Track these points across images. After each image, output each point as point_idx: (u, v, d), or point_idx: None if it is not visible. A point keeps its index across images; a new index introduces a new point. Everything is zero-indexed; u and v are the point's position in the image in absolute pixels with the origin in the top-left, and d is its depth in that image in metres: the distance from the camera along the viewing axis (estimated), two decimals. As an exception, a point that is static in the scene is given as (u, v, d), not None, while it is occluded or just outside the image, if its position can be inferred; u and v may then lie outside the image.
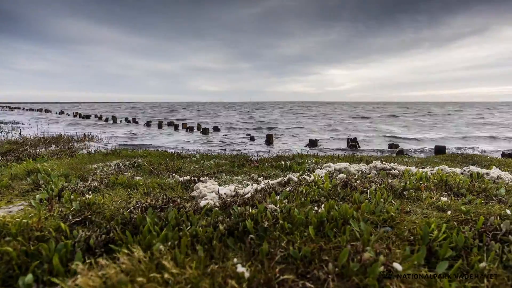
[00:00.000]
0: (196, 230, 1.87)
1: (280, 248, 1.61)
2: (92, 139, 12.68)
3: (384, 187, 3.04)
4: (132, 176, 4.38)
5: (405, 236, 1.85)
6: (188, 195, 3.37)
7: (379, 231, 1.83)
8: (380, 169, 4.36)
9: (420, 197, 2.70)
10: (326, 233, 1.82)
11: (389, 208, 2.17)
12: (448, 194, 2.89)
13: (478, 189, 3.03)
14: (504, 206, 2.50)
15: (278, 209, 2.21)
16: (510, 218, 2.22)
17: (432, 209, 2.40)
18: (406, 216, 2.22)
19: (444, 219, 2.19)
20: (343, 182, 3.26)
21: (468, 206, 2.45)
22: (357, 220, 2.04)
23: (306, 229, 1.91)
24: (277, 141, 13.35)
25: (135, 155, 6.15)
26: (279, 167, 5.39)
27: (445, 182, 3.26)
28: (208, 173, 4.61)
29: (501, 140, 17.14)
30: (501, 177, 4.03)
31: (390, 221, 2.08)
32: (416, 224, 2.04)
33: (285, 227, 1.90)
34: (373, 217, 2.14)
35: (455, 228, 1.98)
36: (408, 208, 2.42)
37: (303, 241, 1.66)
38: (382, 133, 19.51)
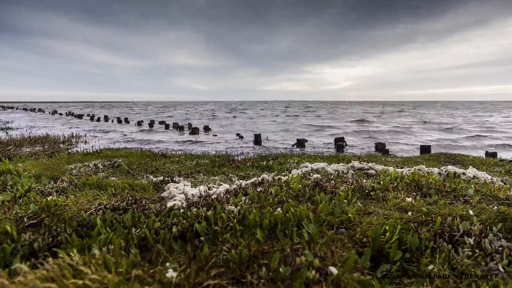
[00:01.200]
0: (145, 233, 1.82)
1: (224, 252, 1.57)
2: (80, 139, 12.55)
3: (353, 188, 3.01)
4: (106, 176, 4.31)
5: (357, 238, 1.82)
6: (158, 196, 3.32)
7: (329, 233, 1.79)
8: (358, 169, 4.33)
9: (387, 197, 2.67)
10: (276, 235, 1.78)
11: (348, 210, 2.14)
12: (416, 194, 2.87)
13: (448, 189, 3.01)
14: (468, 206, 2.47)
15: (235, 210, 2.17)
16: (471, 219, 2.20)
17: (395, 210, 2.37)
18: (366, 217, 2.19)
19: (404, 220, 2.16)
20: (314, 182, 3.23)
21: (432, 207, 2.42)
22: (313, 222, 2.01)
23: (262, 231, 1.87)
24: (266, 141, 13.31)
25: (115, 155, 6.07)
26: (260, 167, 5.35)
27: (416, 182, 3.23)
28: (185, 174, 4.56)
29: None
30: (477, 177, 4.02)
31: (347, 223, 2.05)
32: (373, 226, 2.01)
33: (236, 230, 1.86)
34: (331, 218, 2.10)
35: (411, 230, 1.96)
36: (371, 209, 2.39)
37: (249, 244, 1.61)
38: (370, 134, 19.63)
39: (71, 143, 10.08)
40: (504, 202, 2.70)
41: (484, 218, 2.26)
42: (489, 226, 2.09)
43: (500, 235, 1.91)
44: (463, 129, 23.99)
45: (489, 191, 2.94)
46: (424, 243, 1.86)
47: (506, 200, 2.75)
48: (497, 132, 21.80)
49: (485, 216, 2.29)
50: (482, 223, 2.18)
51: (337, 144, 10.35)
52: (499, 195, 2.86)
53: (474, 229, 2.00)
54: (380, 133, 20.27)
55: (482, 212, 2.36)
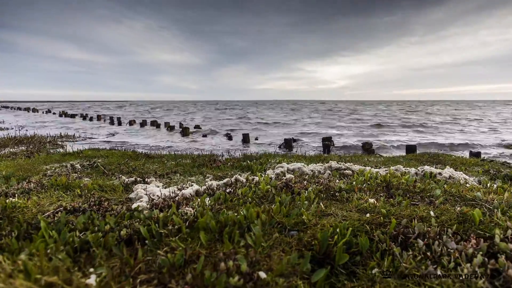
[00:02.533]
0: (88, 237, 1.77)
1: (161, 256, 1.52)
2: (69, 139, 12.43)
3: (321, 188, 2.97)
4: (79, 177, 4.24)
5: (306, 241, 1.77)
6: (125, 197, 3.26)
7: (274, 236, 1.74)
8: (335, 169, 4.30)
9: (351, 198, 2.63)
10: (222, 238, 1.73)
11: (303, 211, 2.09)
12: (382, 195, 2.83)
13: (417, 189, 2.98)
14: (430, 207, 2.44)
15: (189, 212, 2.12)
16: (430, 220, 2.17)
17: (355, 212, 2.33)
18: (323, 219, 2.15)
19: (361, 222, 2.12)
20: (284, 183, 3.18)
21: (394, 208, 2.38)
22: (266, 224, 1.96)
23: (208, 234, 1.82)
24: (255, 140, 13.26)
25: (96, 155, 6.00)
26: (240, 167, 5.31)
27: (387, 183, 3.20)
28: (161, 174, 4.50)
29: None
30: (453, 177, 4.00)
31: (301, 225, 2.01)
32: (326, 228, 1.97)
33: (183, 232, 1.81)
34: (286, 220, 2.06)
35: (364, 232, 1.92)
36: (331, 210, 2.35)
37: (186, 248, 1.57)
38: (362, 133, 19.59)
39: (56, 143, 9.97)
40: (469, 203, 2.67)
41: (444, 219, 2.23)
42: (446, 228, 2.05)
43: (451, 237, 1.87)
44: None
45: (458, 191, 2.91)
46: (375, 245, 1.82)
47: (472, 200, 2.72)
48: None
49: (445, 217, 2.25)
50: (442, 224, 2.15)
51: (324, 144, 10.31)
52: (467, 195, 2.84)
53: (429, 230, 1.97)
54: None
55: (444, 213, 2.33)
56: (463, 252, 1.70)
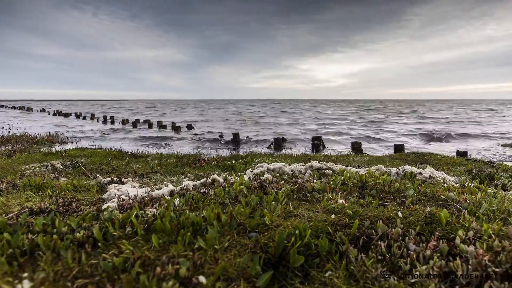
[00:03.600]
0: (39, 239, 1.72)
1: (108, 260, 1.48)
2: (59, 138, 12.31)
3: (295, 188, 2.94)
4: (57, 177, 4.18)
5: (263, 243, 1.74)
6: (99, 197, 3.21)
7: (226, 238, 1.70)
8: (316, 168, 4.27)
9: (321, 199, 2.60)
10: (176, 241, 1.69)
11: (265, 212, 2.06)
12: (355, 195, 2.81)
13: (391, 190, 2.96)
14: (400, 208, 2.42)
15: (150, 213, 2.08)
16: (396, 222, 2.14)
17: (323, 212, 2.30)
18: (288, 220, 2.12)
19: (326, 223, 2.09)
20: (259, 183, 3.15)
21: (363, 208, 2.36)
22: (224, 225, 1.93)
23: (164, 236, 1.78)
24: (246, 139, 13.22)
25: (79, 155, 5.93)
26: (224, 167, 5.27)
27: (363, 183, 3.18)
28: (140, 174, 4.45)
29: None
30: (433, 176, 3.99)
31: (263, 226, 1.97)
32: (288, 229, 1.93)
33: (139, 235, 1.77)
34: (249, 221, 2.02)
35: (324, 234, 1.89)
36: (299, 211, 2.31)
37: (134, 251, 1.52)
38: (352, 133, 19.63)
39: (44, 143, 9.87)
40: (442, 203, 2.65)
41: (412, 220, 2.20)
42: (410, 229, 2.03)
43: (413, 239, 1.85)
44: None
45: (432, 192, 2.89)
46: (334, 247, 1.79)
47: (445, 201, 2.70)
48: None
49: (413, 218, 2.23)
50: (408, 225, 2.13)
51: (313, 143, 10.26)
52: (441, 196, 2.82)
53: (392, 232, 1.94)
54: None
55: (413, 214, 2.31)
56: (421, 254, 1.68)
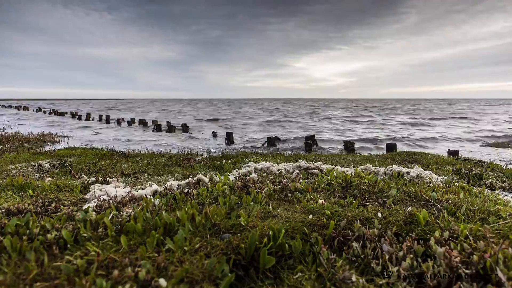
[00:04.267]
0: (4, 241, 1.69)
1: (73, 262, 1.45)
2: (52, 137, 12.24)
3: (277, 188, 2.92)
4: (42, 177, 4.14)
5: (235, 245, 1.71)
6: (81, 197, 3.17)
7: (195, 240, 1.68)
8: (304, 168, 4.25)
9: (303, 199, 2.58)
10: (146, 242, 1.67)
11: (241, 213, 2.04)
12: (337, 195, 2.79)
13: (375, 189, 2.95)
14: (380, 208, 2.40)
15: (125, 215, 2.05)
16: (373, 222, 2.12)
17: (302, 213, 2.28)
18: (265, 221, 2.09)
19: (304, 223, 2.07)
20: (243, 183, 3.13)
21: (342, 209, 2.34)
22: (198, 226, 1.90)
23: (137, 238, 1.76)
24: (240, 139, 13.18)
25: (68, 154, 5.88)
26: (213, 167, 5.24)
27: (347, 183, 3.16)
28: (127, 174, 4.41)
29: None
30: (420, 176, 3.98)
31: (238, 227, 1.95)
32: (264, 230, 1.91)
33: (109, 236, 1.74)
34: (225, 222, 2.00)
35: (299, 234, 1.87)
36: (277, 211, 2.29)
37: (110, 252, 1.50)
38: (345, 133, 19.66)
39: (36, 142, 9.80)
40: (424, 203, 2.64)
41: (391, 221, 2.19)
42: (387, 230, 2.01)
43: (388, 239, 1.83)
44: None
45: (415, 191, 2.88)
46: (308, 248, 1.78)
47: (428, 201, 2.69)
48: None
49: (393, 218, 2.21)
50: (386, 225, 2.11)
51: (306, 143, 10.24)
52: (424, 195, 2.80)
53: (368, 233, 1.92)
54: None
55: (393, 214, 2.29)
56: (394, 255, 1.66)
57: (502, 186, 4.21)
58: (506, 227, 2.07)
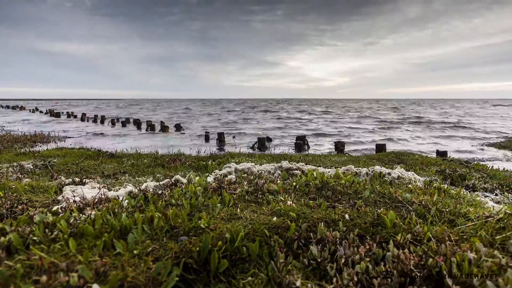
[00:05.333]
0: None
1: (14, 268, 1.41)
2: (44, 138, 12.16)
3: (252, 189, 2.89)
4: (20, 178, 4.10)
5: (188, 248, 1.68)
6: (53, 198, 3.13)
7: (146, 243, 1.64)
8: (286, 169, 4.22)
9: (272, 200, 2.55)
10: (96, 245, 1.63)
11: (202, 215, 2.00)
12: (311, 196, 2.76)
13: (350, 191, 2.92)
14: (349, 210, 2.37)
15: (83, 217, 2.01)
16: (338, 224, 2.09)
17: (269, 215, 2.25)
18: (228, 223, 2.06)
19: (268, 225, 2.04)
20: (217, 184, 3.09)
21: (310, 210, 2.31)
22: (155, 229, 1.87)
23: (92, 241, 1.72)
24: (232, 139, 13.12)
25: (52, 155, 5.83)
26: (197, 167, 5.21)
27: (324, 183, 3.13)
28: (108, 174, 4.37)
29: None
30: (402, 177, 3.96)
31: (197, 230, 1.91)
32: (223, 232, 1.88)
33: (61, 239, 1.70)
34: (185, 224, 1.96)
35: (258, 237, 1.84)
36: (244, 213, 2.25)
37: (57, 255, 1.46)
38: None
39: (26, 143, 9.74)
40: (397, 205, 2.61)
41: (359, 222, 2.16)
42: (351, 232, 1.98)
43: (348, 242, 1.80)
44: None
45: (390, 193, 2.85)
46: (265, 251, 1.74)
47: (400, 202, 2.66)
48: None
49: (361, 220, 2.18)
50: (353, 228, 2.08)
51: (296, 143, 10.19)
52: (398, 197, 2.78)
53: (330, 235, 1.89)
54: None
55: (362, 216, 2.26)
56: (350, 259, 1.63)
57: (484, 187, 4.18)
58: (471, 230, 2.04)
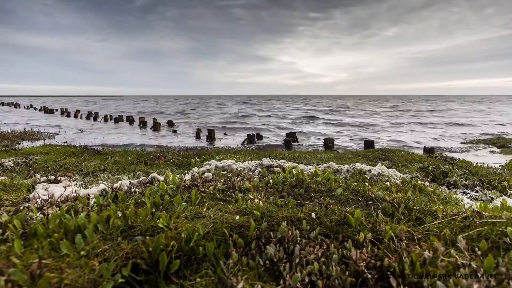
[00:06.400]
0: None
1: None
2: (33, 135, 12.06)
3: (224, 187, 2.85)
4: (-5, 176, 4.03)
5: (140, 249, 1.64)
6: (25, 196, 3.08)
7: (93, 243, 1.60)
8: (266, 166, 4.19)
9: (241, 199, 2.51)
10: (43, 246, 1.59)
11: (162, 214, 1.96)
12: (284, 194, 2.73)
13: (323, 188, 2.89)
14: (317, 208, 2.34)
15: (40, 216, 1.96)
16: (303, 224, 2.06)
17: (235, 213, 2.21)
18: (190, 222, 2.02)
19: (231, 224, 2.01)
20: (191, 182, 3.05)
21: (277, 209, 2.27)
22: (113, 228, 1.82)
23: (43, 241, 1.67)
24: (223, 136, 13.06)
25: (34, 152, 5.76)
26: (181, 164, 5.16)
27: (300, 181, 3.10)
28: (86, 172, 4.31)
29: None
30: (382, 174, 3.94)
31: (155, 230, 1.87)
32: (182, 232, 1.84)
33: (9, 239, 1.66)
34: (144, 224, 1.92)
35: (215, 236, 1.80)
36: (209, 212, 2.22)
37: (1, 257, 1.42)
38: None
39: (14, 140, 9.63)
40: (368, 203, 2.59)
41: (325, 221, 2.13)
42: (313, 231, 1.95)
43: (307, 241, 1.77)
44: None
45: (363, 190, 2.82)
46: (221, 251, 1.71)
47: (372, 200, 2.63)
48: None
49: (327, 219, 2.15)
50: (318, 226, 2.05)
51: (285, 140, 10.16)
52: (371, 195, 2.75)
53: (290, 234, 1.86)
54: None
55: (329, 214, 2.23)
56: (304, 259, 1.60)
57: (465, 184, 4.18)
58: (436, 228, 2.02)
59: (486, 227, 1.97)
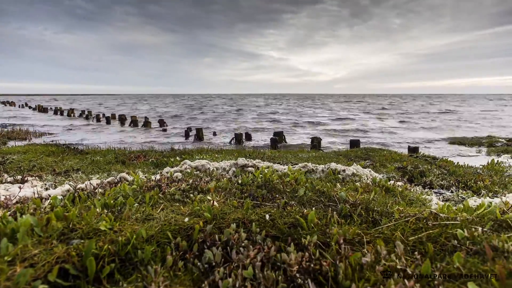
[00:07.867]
0: None
1: None
2: (20, 134, 11.95)
3: (188, 188, 2.80)
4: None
5: (76, 252, 1.59)
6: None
7: (18, 248, 1.55)
8: (241, 166, 4.15)
9: (196, 200, 2.47)
10: None
11: (105, 217, 1.91)
12: (245, 195, 2.68)
13: (287, 189, 2.85)
14: (274, 210, 2.30)
15: None
16: (253, 226, 2.01)
17: (187, 215, 2.17)
18: (139, 224, 1.98)
19: (177, 227, 1.96)
20: (155, 183, 3.01)
21: (232, 210, 2.23)
22: (52, 231, 1.77)
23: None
24: (212, 136, 12.99)
25: (12, 152, 5.69)
26: (158, 164, 5.11)
27: (266, 181, 3.05)
28: (59, 172, 4.25)
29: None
30: (357, 174, 3.91)
31: (97, 232, 1.82)
32: (126, 235, 1.79)
33: None
34: (87, 227, 1.87)
35: (154, 240, 1.76)
36: (161, 213, 2.17)
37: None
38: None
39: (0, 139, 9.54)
40: (330, 204, 2.55)
41: (279, 223, 2.09)
42: (259, 234, 1.91)
43: (248, 244, 1.72)
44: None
45: (327, 191, 2.79)
46: (159, 254, 1.66)
47: (334, 202, 2.60)
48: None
49: (281, 221, 2.11)
50: (271, 228, 2.01)
51: (272, 139, 10.10)
52: (335, 196, 2.71)
53: (234, 237, 1.82)
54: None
55: (285, 216, 2.19)
56: (240, 263, 1.56)
57: (441, 184, 4.15)
58: (389, 230, 1.98)
59: (437, 229, 1.94)
